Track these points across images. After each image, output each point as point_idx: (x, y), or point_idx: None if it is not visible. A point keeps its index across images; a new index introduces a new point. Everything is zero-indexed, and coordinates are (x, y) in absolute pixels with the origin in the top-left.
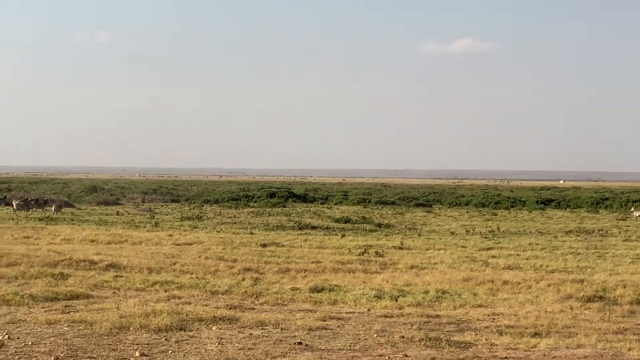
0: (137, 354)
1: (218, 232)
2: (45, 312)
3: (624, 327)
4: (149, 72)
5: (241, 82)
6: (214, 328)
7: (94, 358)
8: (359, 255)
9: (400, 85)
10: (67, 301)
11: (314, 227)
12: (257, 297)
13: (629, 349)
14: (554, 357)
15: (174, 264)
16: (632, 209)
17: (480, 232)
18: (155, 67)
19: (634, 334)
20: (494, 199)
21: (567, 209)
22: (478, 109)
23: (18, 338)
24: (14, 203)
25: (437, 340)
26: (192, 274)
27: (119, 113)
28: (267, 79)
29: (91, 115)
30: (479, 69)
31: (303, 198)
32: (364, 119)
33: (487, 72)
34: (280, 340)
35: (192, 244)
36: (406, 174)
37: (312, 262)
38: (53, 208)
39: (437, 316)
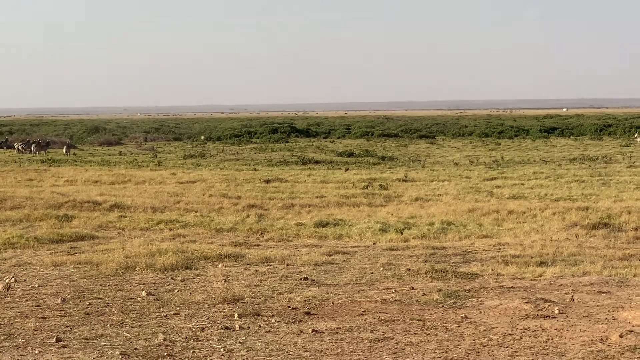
0: (143, 293)
1: (221, 169)
2: (50, 254)
3: (629, 254)
4: (150, 13)
5: (242, 19)
6: (220, 266)
7: (101, 299)
8: (363, 188)
9: (399, 17)
10: (72, 242)
11: (317, 162)
12: (262, 233)
13: (634, 275)
14: (560, 285)
15: (178, 202)
16: (635, 135)
17: (484, 162)
18: (156, 6)
19: (639, 260)
20: (497, 129)
21: (571, 137)
22: (479, 39)
23: (25, 280)
24: (16, 145)
25: (444, 272)
26: (196, 212)
27: (121, 54)
28: (267, 15)
29: (92, 57)
30: None
31: (305, 133)
32: (366, 52)
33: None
34: (286, 276)
35: (195, 182)
36: (408, 106)
37: (316, 197)
38: (64, 149)
39: (443, 248)
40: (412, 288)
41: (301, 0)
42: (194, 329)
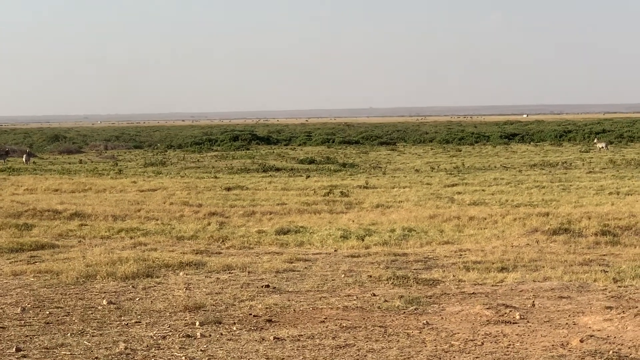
0: (104, 302)
1: (182, 177)
2: (10, 263)
3: (589, 259)
4: (108, 20)
5: (202, 27)
6: (181, 274)
7: (61, 308)
8: (324, 195)
9: (357, 25)
10: (32, 252)
11: (278, 169)
12: (223, 241)
13: (595, 280)
14: (521, 291)
15: (139, 210)
16: (595, 141)
17: (445, 169)
18: (114, 14)
19: (599, 265)
20: (458, 135)
21: (531, 143)
22: (440, 44)
23: None
24: None
25: (405, 279)
26: (157, 220)
27: (79, 60)
28: (228, 23)
29: (49, 64)
30: (439, 2)
31: (266, 140)
32: (324, 58)
33: (448, 5)
34: (248, 283)
35: (156, 190)
36: (369, 113)
37: (278, 204)
38: (24, 158)
39: (404, 254)
40: (374, 295)
41: (260, 7)
42: (155, 338)
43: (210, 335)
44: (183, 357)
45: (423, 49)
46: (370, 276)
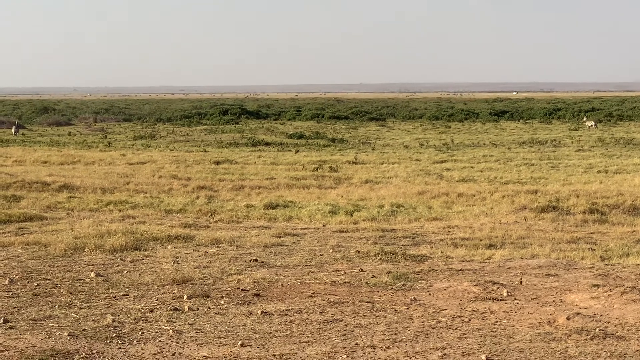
0: (92, 274)
1: (171, 150)
2: None
3: (576, 237)
4: None
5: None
6: (169, 247)
7: (49, 279)
8: (313, 170)
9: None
10: (20, 223)
11: (267, 144)
12: (211, 215)
13: (582, 258)
14: (508, 268)
15: (128, 183)
16: (584, 119)
17: (434, 145)
18: None
19: (587, 243)
20: (448, 112)
21: (521, 120)
22: (430, 21)
23: None
24: None
25: (393, 254)
26: (146, 193)
27: (70, 31)
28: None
29: (42, 36)
30: None
31: (256, 114)
32: (317, 34)
33: None
34: (236, 257)
35: (145, 163)
36: (359, 89)
37: (266, 179)
38: (13, 129)
39: (393, 230)
40: (362, 270)
41: None
42: (143, 310)
43: (197, 309)
44: (170, 330)
45: (412, 24)
46: (359, 251)
